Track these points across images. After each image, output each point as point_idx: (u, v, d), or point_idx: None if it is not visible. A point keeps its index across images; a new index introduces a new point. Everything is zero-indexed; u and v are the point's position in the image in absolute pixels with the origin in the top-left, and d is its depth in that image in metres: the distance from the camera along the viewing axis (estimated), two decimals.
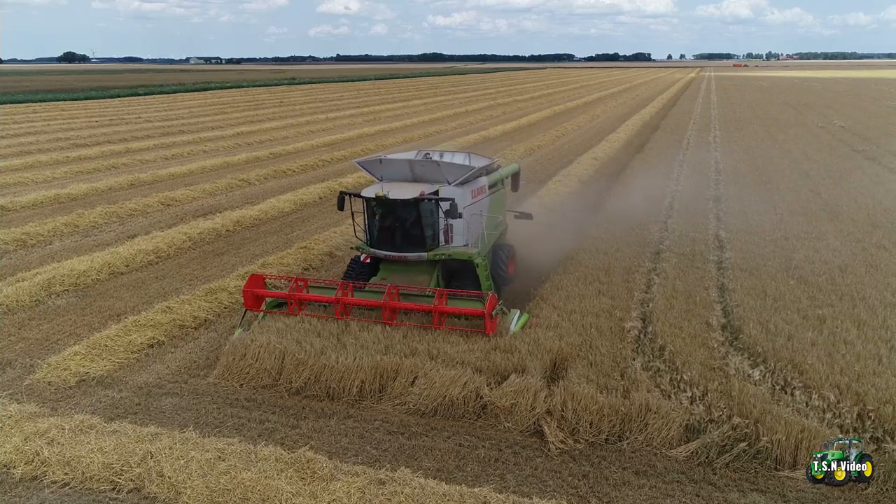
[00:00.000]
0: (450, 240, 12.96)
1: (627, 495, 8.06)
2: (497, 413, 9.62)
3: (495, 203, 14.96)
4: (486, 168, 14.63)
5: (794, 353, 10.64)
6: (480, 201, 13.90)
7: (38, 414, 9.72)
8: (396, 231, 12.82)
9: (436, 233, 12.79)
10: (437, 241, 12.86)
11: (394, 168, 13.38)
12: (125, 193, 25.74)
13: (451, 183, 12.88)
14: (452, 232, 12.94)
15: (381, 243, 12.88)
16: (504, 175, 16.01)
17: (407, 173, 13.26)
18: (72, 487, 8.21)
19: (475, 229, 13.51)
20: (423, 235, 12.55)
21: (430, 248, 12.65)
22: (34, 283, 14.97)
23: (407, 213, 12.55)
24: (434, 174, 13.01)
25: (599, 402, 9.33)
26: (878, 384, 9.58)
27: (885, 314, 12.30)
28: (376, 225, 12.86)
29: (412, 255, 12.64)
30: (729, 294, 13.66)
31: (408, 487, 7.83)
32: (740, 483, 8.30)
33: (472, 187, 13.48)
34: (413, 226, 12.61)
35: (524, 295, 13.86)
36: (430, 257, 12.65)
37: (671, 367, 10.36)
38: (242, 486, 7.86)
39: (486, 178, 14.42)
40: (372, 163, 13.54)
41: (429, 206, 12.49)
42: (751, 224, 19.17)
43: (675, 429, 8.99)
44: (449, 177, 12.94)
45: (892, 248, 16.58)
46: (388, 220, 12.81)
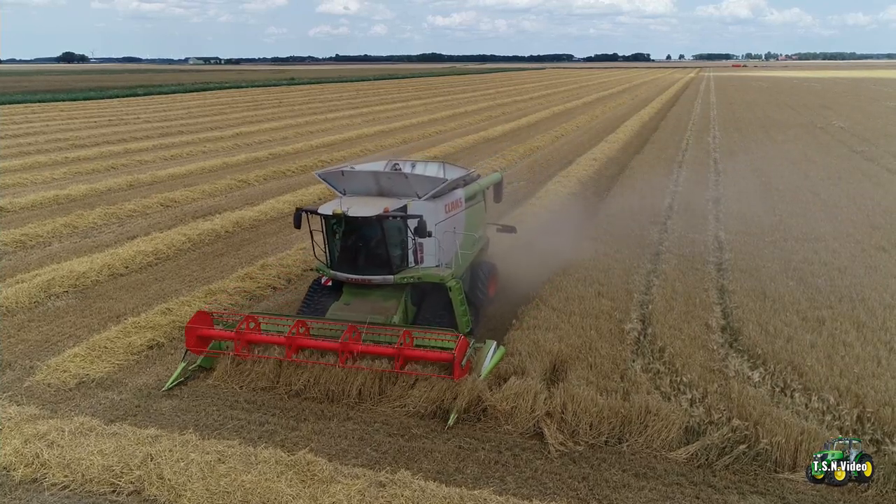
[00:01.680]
0: (420, 260, 11.78)
1: (627, 497, 8.06)
2: (497, 415, 9.62)
3: (474, 217, 13.78)
4: (462, 179, 13.54)
5: (793, 355, 10.66)
6: (455, 216, 12.68)
7: (37, 416, 9.71)
8: (359, 251, 11.69)
9: (404, 253, 11.58)
10: (406, 261, 11.65)
11: (358, 181, 12.22)
12: (124, 194, 25.73)
13: (421, 197, 11.71)
14: (423, 251, 11.77)
15: (342, 265, 11.67)
16: (484, 186, 14.81)
17: (372, 187, 12.08)
18: (72, 490, 8.20)
19: (449, 248, 12.24)
20: (389, 256, 11.37)
21: (396, 270, 11.46)
22: (34, 285, 14.97)
23: (370, 231, 11.41)
24: (402, 187, 11.87)
25: (599, 404, 9.33)
26: (878, 386, 9.61)
27: (884, 316, 12.32)
28: (337, 245, 11.71)
29: (377, 278, 11.44)
30: (728, 295, 13.68)
31: (408, 490, 7.83)
32: (740, 485, 8.30)
33: (445, 201, 12.29)
34: (377, 246, 11.44)
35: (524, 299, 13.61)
36: (396, 280, 11.46)
37: (671, 369, 10.38)
38: (243, 488, 7.86)
39: (462, 191, 13.22)
40: (334, 175, 12.42)
41: (395, 224, 11.30)
42: (750, 225, 19.20)
43: (675, 431, 8.99)
44: (418, 190, 11.76)
45: (891, 250, 16.61)
46: (349, 239, 11.64)
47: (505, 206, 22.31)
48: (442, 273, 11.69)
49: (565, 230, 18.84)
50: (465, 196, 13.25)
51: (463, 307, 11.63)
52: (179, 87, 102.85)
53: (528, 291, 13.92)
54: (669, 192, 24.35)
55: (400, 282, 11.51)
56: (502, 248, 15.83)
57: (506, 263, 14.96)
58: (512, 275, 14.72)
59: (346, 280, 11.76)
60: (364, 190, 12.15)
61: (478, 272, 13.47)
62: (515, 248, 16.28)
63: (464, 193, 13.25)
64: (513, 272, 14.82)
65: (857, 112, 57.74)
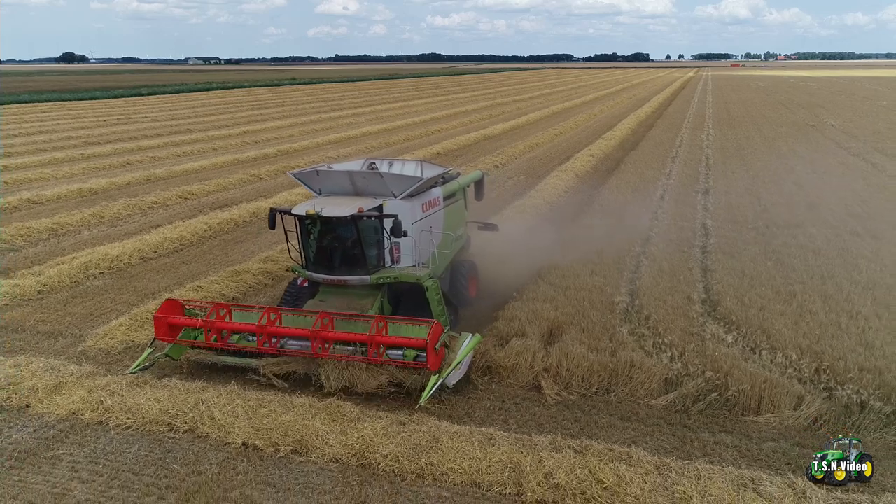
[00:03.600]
0: (397, 260, 11.74)
1: (613, 435, 9.37)
2: (500, 371, 10.92)
3: (453, 216, 13.69)
4: (440, 177, 13.52)
5: (764, 322, 11.97)
6: (433, 215, 12.65)
7: (95, 373, 11.01)
8: (334, 252, 11.53)
9: (380, 253, 11.52)
10: (382, 261, 11.57)
11: (333, 180, 12.11)
12: (143, 188, 27.04)
13: (397, 196, 11.65)
14: (399, 251, 11.75)
15: (317, 266, 11.55)
16: (464, 184, 14.70)
17: (348, 186, 11.95)
18: (134, 430, 9.51)
19: (426, 247, 12.13)
20: (365, 256, 11.27)
21: (373, 270, 11.38)
22: (73, 266, 16.28)
23: (345, 231, 11.26)
24: (378, 187, 11.78)
25: (590, 360, 10.65)
26: (835, 345, 10.92)
27: (850, 290, 13.62)
28: (312, 245, 11.58)
29: (353, 278, 11.33)
30: (710, 274, 14.99)
31: (424, 426, 9.15)
32: (711, 426, 9.62)
33: (422, 200, 12.26)
34: (353, 246, 11.30)
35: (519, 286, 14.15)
36: (373, 281, 11.38)
37: (654, 333, 11.69)
38: (283, 425, 9.18)
39: (440, 189, 13.18)
40: (309, 175, 12.30)
41: (371, 224, 11.22)
42: (735, 214, 20.52)
43: (656, 382, 10.32)
44: (394, 189, 11.69)
45: (864, 235, 17.91)
46: (325, 239, 11.49)
47: (506, 198, 23.71)
48: (419, 273, 11.63)
49: (561, 219, 20.16)
50: (443, 194, 13.23)
51: (440, 307, 11.66)
52: (183, 87, 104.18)
53: (529, 270, 15.14)
54: (661, 185, 25.65)
55: (376, 282, 11.44)
56: (503, 233, 17.13)
57: (507, 248, 16.23)
58: (513, 255, 15.96)
59: (322, 281, 11.71)
60: (340, 190, 12.07)
61: (458, 271, 13.47)
62: (515, 235, 17.59)
63: (442, 192, 13.24)
64: (514, 253, 16.07)
65: (849, 111, 59.04)
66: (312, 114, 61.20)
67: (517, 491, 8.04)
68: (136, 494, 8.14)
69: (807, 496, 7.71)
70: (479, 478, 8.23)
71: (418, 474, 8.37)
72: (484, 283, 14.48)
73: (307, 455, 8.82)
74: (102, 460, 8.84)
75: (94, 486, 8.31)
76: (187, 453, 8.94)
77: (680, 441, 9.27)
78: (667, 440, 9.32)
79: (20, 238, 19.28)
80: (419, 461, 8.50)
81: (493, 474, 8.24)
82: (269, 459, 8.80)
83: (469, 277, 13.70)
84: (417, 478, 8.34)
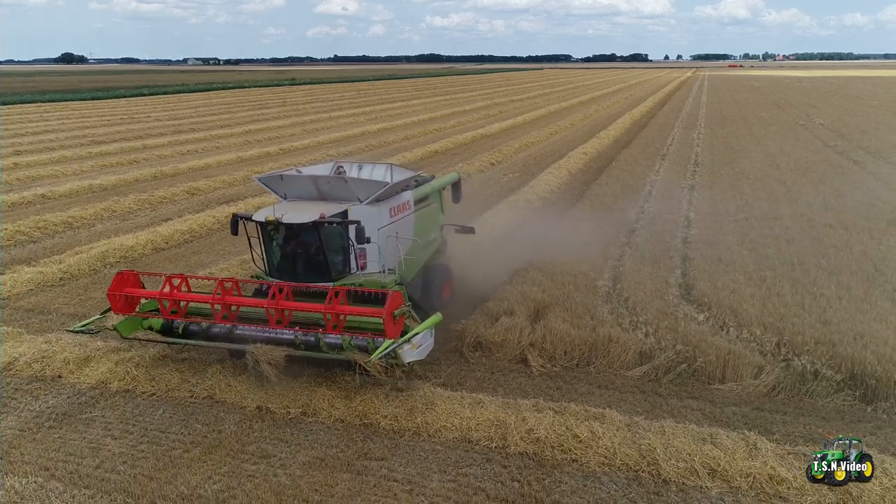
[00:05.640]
0: (363, 266, 11.47)
1: (590, 400, 10.39)
2: (490, 346, 11.94)
3: (426, 220, 13.54)
4: (412, 180, 13.43)
5: (734, 303, 12.99)
6: (403, 219, 12.53)
7: (120, 348, 12.01)
8: (298, 259, 11.36)
9: (345, 259, 11.26)
10: (348, 268, 11.31)
11: (298, 185, 11.91)
12: (152, 184, 28.06)
13: (362, 201, 11.49)
14: (366, 257, 11.52)
15: (281, 273, 11.31)
16: (437, 187, 14.47)
17: (313, 191, 11.76)
18: (158, 396, 10.54)
19: (393, 253, 11.97)
20: (328, 263, 11.05)
21: (337, 277, 11.08)
22: (90, 256, 17.31)
23: (309, 238, 11.05)
24: (343, 192, 11.58)
25: (572, 335, 11.69)
26: (796, 322, 11.95)
27: (816, 274, 14.65)
28: (275, 252, 11.44)
29: (317, 285, 10.93)
30: (689, 262, 16.03)
31: (420, 392, 10.20)
32: (679, 393, 10.65)
33: (390, 205, 12.14)
34: (316, 252, 11.10)
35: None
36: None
37: (632, 312, 12.72)
38: (293, 391, 10.23)
39: (410, 193, 13.02)
40: (273, 179, 12.14)
41: (335, 230, 11.01)
42: (718, 207, 21.58)
43: (632, 355, 11.36)
44: (360, 194, 11.51)
45: (836, 226, 18.93)
46: (288, 246, 11.38)
47: (501, 194, 24.75)
48: (384, 280, 11.40)
49: (553, 213, 21.21)
50: (414, 198, 13.10)
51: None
52: (184, 88, 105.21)
53: (522, 254, 16.19)
54: (650, 181, 26.69)
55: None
56: (496, 225, 18.28)
57: (499, 239, 17.34)
58: (510, 241, 17.12)
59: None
60: (306, 194, 11.85)
61: (432, 275, 13.25)
62: (512, 224, 18.79)
63: (413, 196, 13.08)
64: (510, 240, 17.22)
65: (840, 110, 60.13)
66: (312, 113, 62.23)
67: (502, 444, 9.07)
68: (163, 448, 9.17)
69: (757, 447, 8.74)
70: (469, 434, 9.27)
71: (414, 431, 9.42)
72: (477, 274, 15.46)
73: (315, 416, 9.86)
74: (132, 421, 9.87)
75: (125, 442, 9.34)
76: (207, 415, 9.97)
77: (650, 405, 10.30)
78: (639, 405, 10.34)
79: (38, 230, 20.32)
80: (415, 420, 9.55)
81: (482, 431, 9.29)
82: (281, 420, 9.83)
83: (443, 281, 13.43)
84: (414, 434, 9.38)
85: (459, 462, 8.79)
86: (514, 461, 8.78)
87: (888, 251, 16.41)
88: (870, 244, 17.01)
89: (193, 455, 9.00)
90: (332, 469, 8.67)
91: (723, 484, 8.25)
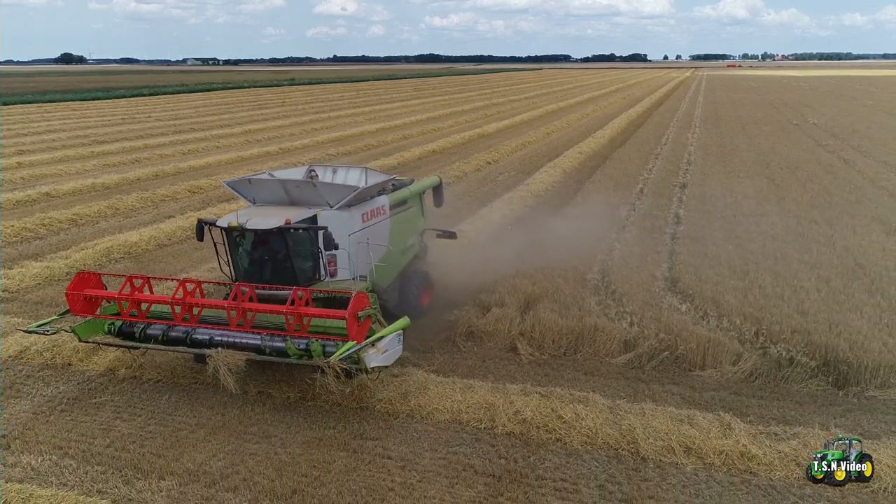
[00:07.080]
0: (333, 273, 11.18)
1: (576, 385, 10.91)
2: (482, 336, 12.47)
3: (404, 224, 13.22)
4: (389, 184, 13.13)
5: (716, 294, 13.50)
6: (377, 225, 12.21)
7: None
8: (265, 265, 11.03)
9: (315, 265, 10.97)
10: (318, 274, 11.00)
11: (266, 189, 11.65)
12: (153, 183, 28.58)
13: (332, 206, 11.20)
14: (336, 264, 11.22)
15: (248, 280, 10.88)
16: (417, 191, 14.18)
17: (282, 196, 11.51)
18: (164, 382, 11.07)
19: (364, 259, 11.64)
20: (295, 270, 10.79)
21: (305, 284, 10.68)
22: (96, 251, 17.83)
23: (276, 244, 10.76)
24: (312, 196, 11.34)
25: (560, 324, 12.21)
26: (775, 312, 12.46)
27: (798, 268, 15.17)
28: (242, 258, 11.15)
29: (283, 294, 10.17)
30: (675, 256, 16.55)
31: (414, 377, 10.73)
32: (661, 379, 11.17)
33: (362, 210, 11.83)
34: (284, 259, 10.82)
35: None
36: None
37: (618, 303, 13.25)
38: (292, 378, 10.73)
39: (386, 198, 12.68)
40: (241, 183, 11.91)
41: (302, 236, 10.74)
42: (707, 205, 22.10)
43: (616, 343, 11.88)
44: (329, 199, 11.23)
45: (822, 223, 19.46)
46: (255, 252, 11.07)
47: (497, 192, 25.28)
48: (356, 287, 10.82)
49: (546, 211, 21.74)
50: (390, 203, 12.80)
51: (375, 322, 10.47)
52: (184, 88, 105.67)
53: (517, 248, 16.72)
54: (642, 180, 27.23)
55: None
56: (491, 221, 18.79)
57: (494, 234, 17.85)
58: (506, 235, 17.62)
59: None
60: (274, 199, 11.60)
61: (410, 281, 13.06)
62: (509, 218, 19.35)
63: (389, 200, 12.77)
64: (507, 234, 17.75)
65: (834, 110, 60.71)
66: (312, 113, 62.76)
67: (491, 425, 9.59)
68: (170, 429, 9.69)
69: (731, 427, 9.26)
70: (460, 415, 9.80)
71: (408, 413, 9.94)
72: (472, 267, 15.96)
73: (313, 401, 10.37)
74: (139, 405, 10.39)
75: (134, 424, 9.86)
76: (212, 400, 10.50)
77: (633, 390, 10.82)
78: (622, 389, 10.85)
79: (44, 227, 20.84)
80: (409, 403, 10.08)
81: (471, 412, 9.82)
82: (281, 405, 10.35)
83: (421, 288, 13.27)
84: (407, 416, 9.91)
85: (450, 441, 9.31)
86: (502, 440, 9.30)
87: (870, 246, 16.94)
88: (852, 239, 17.53)
89: (199, 435, 9.52)
90: (330, 448, 9.19)
91: (697, 461, 8.76)
